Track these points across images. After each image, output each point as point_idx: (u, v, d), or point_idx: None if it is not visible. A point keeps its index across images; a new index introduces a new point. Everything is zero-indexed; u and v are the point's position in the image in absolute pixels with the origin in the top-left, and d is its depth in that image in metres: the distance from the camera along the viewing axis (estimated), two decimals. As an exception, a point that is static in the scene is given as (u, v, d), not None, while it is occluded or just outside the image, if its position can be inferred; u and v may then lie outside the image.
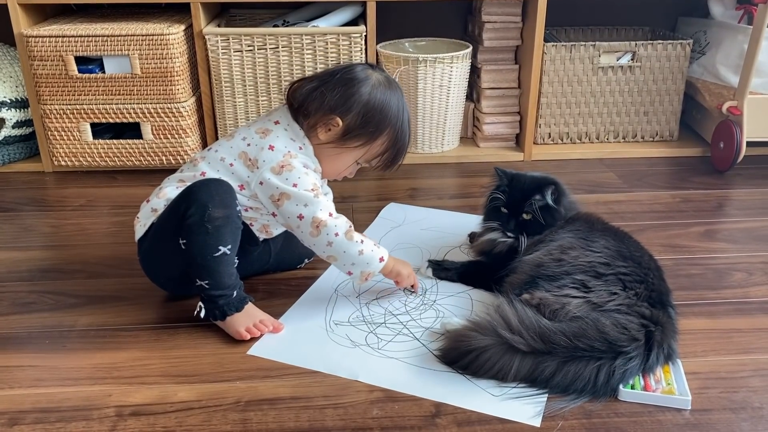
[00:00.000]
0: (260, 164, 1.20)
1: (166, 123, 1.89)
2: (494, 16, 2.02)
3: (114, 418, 1.00)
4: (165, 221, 1.20)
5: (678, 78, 2.09)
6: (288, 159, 1.20)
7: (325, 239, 1.19)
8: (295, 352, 1.15)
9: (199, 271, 1.16)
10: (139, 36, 1.80)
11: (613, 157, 2.09)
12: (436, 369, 1.11)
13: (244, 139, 1.24)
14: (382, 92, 1.24)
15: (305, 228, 1.19)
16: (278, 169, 1.19)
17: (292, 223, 1.20)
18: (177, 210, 1.16)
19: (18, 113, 1.92)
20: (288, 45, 1.87)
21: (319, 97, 1.22)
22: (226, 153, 1.23)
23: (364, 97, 1.22)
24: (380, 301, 1.31)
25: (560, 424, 0.99)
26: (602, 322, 1.07)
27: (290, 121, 1.25)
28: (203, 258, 1.15)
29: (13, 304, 1.31)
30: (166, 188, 1.23)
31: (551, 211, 1.32)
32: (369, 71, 1.25)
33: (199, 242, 1.14)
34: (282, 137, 1.23)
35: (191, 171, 1.24)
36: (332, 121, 1.22)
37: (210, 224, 1.13)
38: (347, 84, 1.22)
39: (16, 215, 1.71)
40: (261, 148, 1.21)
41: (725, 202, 1.79)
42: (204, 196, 1.14)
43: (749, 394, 1.06)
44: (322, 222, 1.19)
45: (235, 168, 1.22)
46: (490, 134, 2.11)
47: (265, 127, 1.25)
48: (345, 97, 1.21)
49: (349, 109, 1.21)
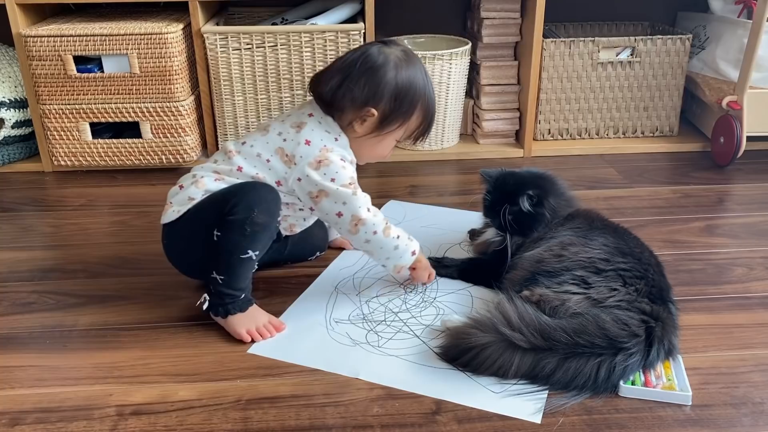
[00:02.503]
0: (297, 160, 1.20)
1: (166, 122, 1.89)
2: (493, 12, 2.01)
3: (115, 418, 1.01)
4: (204, 211, 1.20)
5: (678, 73, 2.09)
6: (325, 153, 1.20)
7: (364, 237, 1.22)
8: (295, 351, 1.15)
9: (221, 265, 1.17)
10: (137, 35, 1.80)
11: (613, 152, 2.09)
12: (436, 366, 1.11)
13: (279, 134, 1.23)
14: (405, 70, 1.24)
15: (344, 225, 1.22)
16: (316, 164, 1.20)
17: (330, 219, 1.23)
18: (222, 204, 1.17)
19: (17, 113, 1.92)
20: (287, 43, 1.87)
21: (347, 93, 1.22)
22: (262, 149, 1.23)
23: (391, 82, 1.22)
24: (380, 298, 1.31)
25: (561, 420, 0.99)
26: (602, 319, 1.07)
27: (322, 114, 1.25)
28: (230, 255, 1.16)
29: (14, 304, 1.31)
30: (204, 179, 1.22)
31: (531, 216, 1.30)
32: (385, 50, 1.24)
33: (232, 240, 1.16)
34: (317, 130, 1.23)
35: (226, 164, 1.24)
36: (367, 113, 1.23)
37: (249, 227, 1.15)
38: (370, 73, 1.22)
39: (17, 215, 1.71)
40: (297, 143, 1.21)
41: (725, 197, 1.79)
42: (253, 199, 1.16)
43: (750, 389, 1.06)
44: (361, 220, 1.20)
45: (273, 164, 1.22)
46: (489, 131, 2.10)
47: (299, 120, 1.25)
48: (373, 87, 1.21)
49: (381, 97, 1.22)
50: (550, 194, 1.33)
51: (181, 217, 1.22)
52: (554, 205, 1.32)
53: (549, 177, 1.37)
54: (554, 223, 1.31)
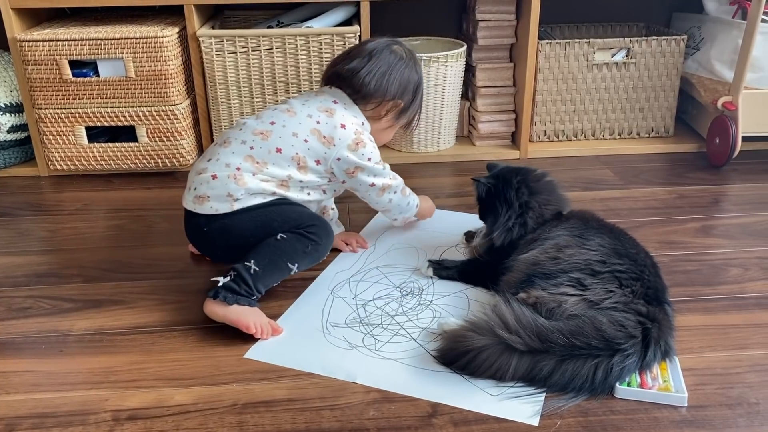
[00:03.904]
0: (336, 142, 1.31)
1: (161, 126, 1.89)
2: (488, 14, 2.02)
3: (111, 423, 1.00)
4: (275, 221, 1.27)
5: (673, 74, 2.09)
6: (360, 136, 1.33)
7: (387, 198, 1.42)
8: (292, 355, 1.15)
9: (263, 259, 1.23)
10: (133, 39, 1.80)
11: (608, 153, 2.09)
12: (434, 370, 1.11)
13: (310, 116, 1.32)
14: (417, 67, 1.44)
15: (373, 192, 1.39)
16: (354, 146, 1.32)
17: (361, 188, 1.38)
18: (298, 221, 1.28)
19: (13, 118, 1.91)
20: (282, 46, 1.87)
21: (381, 86, 1.37)
22: (297, 128, 1.31)
23: (414, 78, 1.42)
24: (376, 302, 1.31)
25: (558, 423, 0.99)
26: (599, 320, 1.07)
27: (347, 100, 1.38)
28: (280, 256, 1.24)
29: (10, 309, 1.31)
30: (244, 175, 1.26)
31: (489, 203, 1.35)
32: (401, 48, 1.43)
33: (289, 250, 1.25)
34: (347, 115, 1.35)
35: (262, 146, 1.28)
36: (396, 105, 1.40)
37: (311, 254, 1.28)
38: (399, 69, 1.39)
39: (12, 220, 1.71)
40: (333, 126, 1.32)
41: (721, 197, 1.79)
42: (327, 235, 1.31)
43: (745, 389, 1.06)
44: (388, 186, 1.40)
45: (311, 144, 1.30)
46: (485, 132, 2.11)
47: (326, 106, 1.35)
48: (404, 83, 1.39)
49: (407, 91, 1.41)
50: (522, 188, 1.33)
51: (234, 213, 1.25)
52: (528, 202, 1.32)
53: (532, 173, 1.37)
54: (549, 223, 1.31)
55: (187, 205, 1.31)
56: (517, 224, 1.32)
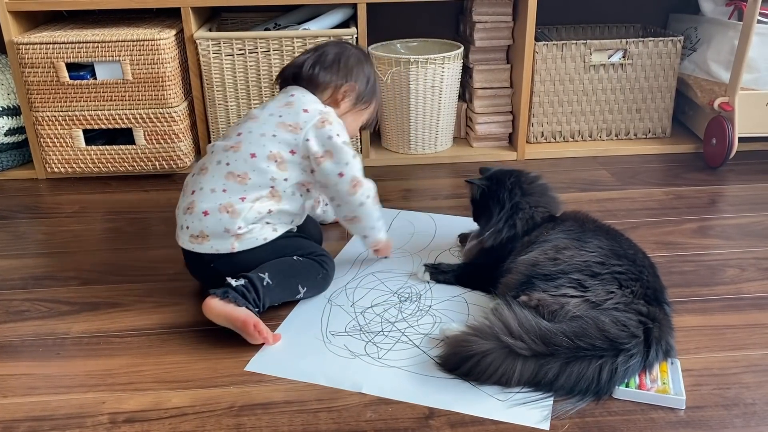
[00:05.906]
0: (302, 125, 1.28)
1: (159, 128, 1.89)
2: (485, 16, 2.02)
3: (108, 425, 1.00)
4: (287, 248, 1.29)
5: (669, 75, 2.10)
6: (325, 116, 1.30)
7: (359, 199, 1.31)
8: (295, 366, 1.12)
9: (278, 275, 1.24)
10: (130, 42, 1.80)
11: (605, 154, 2.10)
12: (439, 377, 1.09)
13: (272, 115, 1.31)
14: (369, 61, 1.44)
15: (343, 186, 1.29)
16: (320, 124, 1.28)
17: (330, 180, 1.29)
18: (311, 248, 1.32)
19: (10, 121, 1.91)
20: (279, 48, 1.88)
21: (328, 70, 1.35)
22: (263, 129, 1.29)
23: (363, 65, 1.40)
24: (375, 309, 1.29)
25: (567, 425, 0.99)
26: (602, 320, 1.06)
27: (304, 92, 1.35)
28: (292, 276, 1.26)
29: (7, 312, 1.31)
30: (235, 205, 1.23)
31: (486, 202, 1.36)
32: (346, 45, 1.43)
33: (304, 272, 1.28)
34: (308, 102, 1.33)
35: (237, 157, 1.27)
36: (349, 88, 1.36)
37: (320, 283, 1.31)
38: (346, 56, 1.38)
39: (10, 222, 1.71)
40: (296, 113, 1.30)
41: (718, 198, 1.79)
42: (333, 268, 1.35)
43: (742, 390, 1.06)
44: (359, 182, 1.30)
45: (280, 137, 1.28)
46: (483, 134, 2.11)
47: (285, 101, 1.33)
48: (351, 67, 1.37)
49: (358, 76, 1.38)
50: (515, 189, 1.34)
51: (242, 251, 1.25)
52: (518, 203, 1.33)
53: (525, 175, 1.38)
54: (544, 226, 1.31)
55: (183, 245, 1.28)
56: (507, 225, 1.32)
